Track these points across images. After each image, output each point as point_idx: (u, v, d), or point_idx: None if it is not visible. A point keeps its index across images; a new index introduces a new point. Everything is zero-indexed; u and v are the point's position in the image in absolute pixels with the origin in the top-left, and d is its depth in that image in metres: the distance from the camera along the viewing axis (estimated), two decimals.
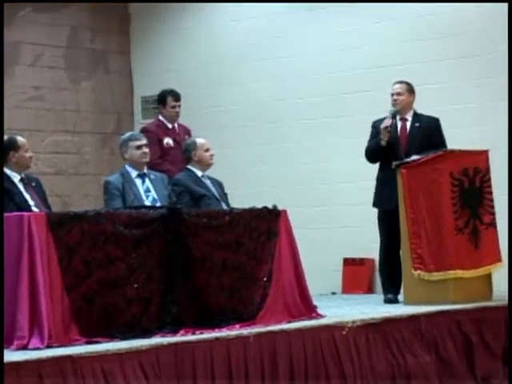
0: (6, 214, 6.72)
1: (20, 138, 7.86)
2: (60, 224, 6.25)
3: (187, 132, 9.67)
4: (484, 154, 8.58)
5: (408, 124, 8.84)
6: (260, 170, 11.51)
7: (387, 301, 8.68)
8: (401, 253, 8.60)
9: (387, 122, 8.67)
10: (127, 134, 8.61)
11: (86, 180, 9.96)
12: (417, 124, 8.82)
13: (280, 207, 7.66)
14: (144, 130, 9.42)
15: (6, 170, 7.68)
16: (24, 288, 6.03)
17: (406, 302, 8.39)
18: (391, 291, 8.75)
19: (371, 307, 8.28)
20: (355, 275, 10.68)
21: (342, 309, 8.26)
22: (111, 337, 6.25)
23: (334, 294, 10.61)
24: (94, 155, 11.53)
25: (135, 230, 6.62)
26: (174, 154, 9.27)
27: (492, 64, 10.09)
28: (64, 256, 6.18)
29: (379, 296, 9.13)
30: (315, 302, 7.75)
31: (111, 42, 12.56)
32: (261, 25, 11.79)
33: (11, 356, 5.53)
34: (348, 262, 10.79)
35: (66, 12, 12.07)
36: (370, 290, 10.34)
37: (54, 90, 12.00)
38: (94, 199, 9.87)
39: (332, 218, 10.83)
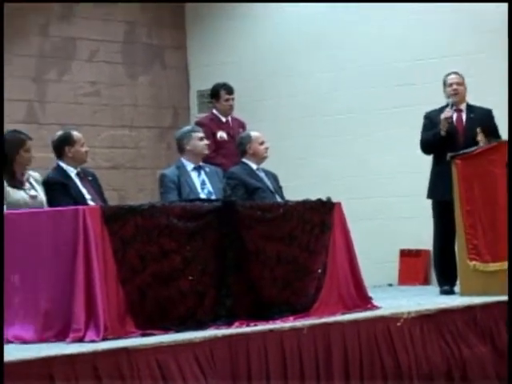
0: (61, 208, 6.94)
1: (75, 133, 7.99)
2: (115, 217, 6.34)
3: (241, 125, 9.71)
4: None
5: (463, 115, 8.93)
6: (315, 162, 11.50)
7: (443, 292, 8.74)
8: (456, 244, 8.63)
9: (448, 113, 8.72)
10: (188, 127, 8.71)
11: (143, 174, 10.06)
12: (472, 115, 8.92)
13: (335, 199, 7.63)
14: (198, 124, 9.50)
15: (63, 165, 7.81)
16: (80, 281, 6.11)
17: (462, 293, 8.42)
18: (447, 283, 8.81)
19: (427, 298, 8.32)
20: (411, 266, 10.74)
21: (398, 300, 8.33)
22: (166, 329, 6.30)
23: (390, 285, 10.70)
24: (150, 149, 11.63)
25: (189, 222, 6.67)
26: (227, 148, 9.34)
27: None
28: (119, 249, 6.26)
29: (435, 287, 9.17)
30: (370, 294, 7.83)
31: (167, 37, 12.63)
32: (321, 15, 11.72)
33: (66, 349, 5.63)
34: (404, 254, 10.86)
35: (121, 7, 12.16)
36: (426, 281, 10.40)
37: (111, 85, 12.11)
38: (150, 193, 9.95)
39: (388, 209, 10.86)
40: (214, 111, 9.76)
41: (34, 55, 11.46)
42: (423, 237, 9.53)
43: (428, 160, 9.00)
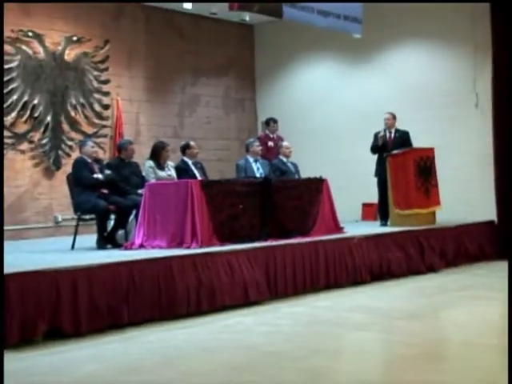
0: (181, 180, 7.73)
1: (192, 142, 8.76)
2: (208, 185, 7.18)
3: (281, 139, 10.22)
4: (431, 149, 9.30)
5: (392, 134, 9.62)
6: (321, 157, 12.20)
7: (382, 225, 9.39)
8: (388, 199, 9.15)
9: (382, 133, 9.49)
10: (251, 139, 9.45)
11: (232, 163, 10.16)
12: (397, 134, 9.59)
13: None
14: (258, 138, 10.20)
15: (185, 158, 8.58)
16: (188, 219, 6.93)
17: (391, 225, 9.08)
18: (383, 220, 9.40)
19: (372, 228, 8.88)
20: (368, 211, 11.49)
21: (358, 229, 8.77)
22: (234, 242, 7.02)
23: (356, 221, 11.22)
24: (235, 151, 12.60)
25: (245, 188, 7.46)
26: (272, 151, 10.03)
27: None
28: (209, 202, 7.06)
29: (378, 222, 9.68)
30: (343, 225, 8.44)
31: (246, 94, 13.56)
32: (333, 75, 12.64)
33: (182, 252, 6.44)
34: (364, 205, 11.50)
35: (223, 78, 13.22)
36: (375, 219, 10.62)
37: (217, 119, 13.11)
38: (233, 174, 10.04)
39: (357, 182, 11.50)
40: (267, 131, 10.65)
41: (177, 103, 12.56)
42: (373, 196, 9.93)
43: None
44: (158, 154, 8.30)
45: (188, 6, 11.28)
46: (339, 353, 4.63)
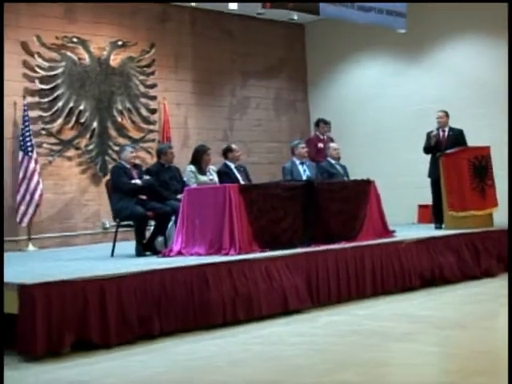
0: (219, 185, 7.65)
1: (234, 145, 8.70)
2: (246, 190, 7.04)
3: (331, 140, 10.14)
4: (487, 148, 9.00)
5: (446, 133, 9.34)
6: (370, 158, 12.06)
7: (436, 228, 9.09)
8: (442, 202, 8.90)
9: (434, 133, 9.24)
10: (296, 141, 9.35)
11: (279, 167, 9.94)
12: (451, 133, 9.28)
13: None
14: (308, 140, 10.21)
15: (227, 162, 8.52)
16: (226, 225, 6.78)
17: (445, 228, 8.81)
18: (438, 223, 9.08)
19: (426, 231, 8.62)
20: (423, 214, 11.13)
21: (411, 232, 8.63)
22: (274, 249, 6.85)
23: (413, 223, 10.97)
24: (287, 154, 11.47)
25: (287, 192, 7.29)
26: (322, 152, 9.88)
27: None
28: (248, 206, 6.90)
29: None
30: (394, 228, 8.23)
31: (298, 95, 13.34)
32: (379, 76, 12.48)
33: (219, 259, 6.33)
34: (420, 206, 11.12)
35: (274, 79, 13.09)
36: (431, 221, 10.04)
37: (270, 121, 12.97)
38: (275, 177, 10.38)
39: (413, 184, 11.11)
40: (317, 133, 10.42)
41: (227, 106, 12.42)
42: (430, 197, 9.55)
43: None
44: (199, 158, 8.23)
45: (234, 6, 11.10)
46: (374, 367, 4.34)
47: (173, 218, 7.63)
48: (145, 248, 7.51)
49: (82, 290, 5.27)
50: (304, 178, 8.55)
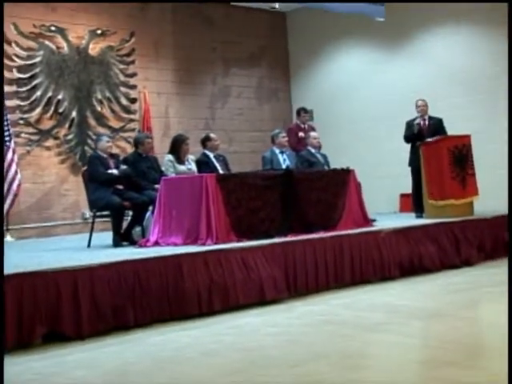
0: (196, 175, 7.54)
1: (212, 134, 8.61)
2: (223, 179, 6.98)
3: (312, 129, 10.12)
4: (468, 137, 8.97)
5: (426, 122, 9.33)
6: (351, 146, 12.07)
7: (417, 217, 9.06)
8: (422, 190, 8.90)
9: (417, 121, 9.26)
10: (277, 130, 9.25)
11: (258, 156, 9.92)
12: (431, 121, 9.28)
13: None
14: (289, 129, 10.21)
15: (206, 151, 8.41)
16: (203, 214, 6.73)
17: (426, 217, 8.76)
18: (419, 211, 9.10)
19: (406, 220, 8.61)
20: (405, 203, 11.09)
21: (391, 221, 8.54)
22: (252, 238, 6.80)
23: (394, 212, 10.99)
24: (268, 142, 12.57)
25: (265, 181, 7.24)
26: (303, 141, 9.83)
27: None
28: (226, 196, 6.86)
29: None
30: (374, 217, 8.27)
31: (280, 84, 13.37)
32: (363, 67, 12.43)
33: (196, 249, 6.24)
34: (402, 195, 11.18)
35: (255, 68, 13.07)
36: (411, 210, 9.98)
37: (249, 109, 12.98)
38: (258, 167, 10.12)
39: (394, 173, 11.16)
40: (298, 122, 10.43)
41: (208, 95, 12.42)
42: (410, 186, 9.57)
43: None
44: (177, 148, 8.16)
45: None
46: (345, 357, 4.31)
47: (150, 208, 7.58)
48: (122, 238, 7.45)
49: (53, 281, 5.21)
50: (284, 167, 8.55)
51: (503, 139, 10.25)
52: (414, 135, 9.19)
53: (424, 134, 9.09)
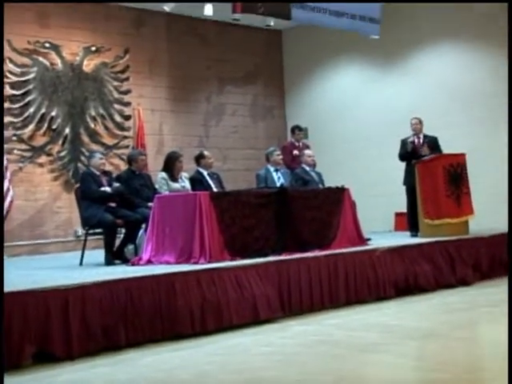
0: (189, 193, 7.52)
1: (206, 152, 8.57)
2: (217, 197, 6.94)
3: (307, 147, 10.09)
4: (463, 155, 8.94)
5: (421, 140, 9.35)
6: (347, 164, 12.09)
7: (412, 236, 9.05)
8: (417, 209, 8.86)
9: (411, 139, 9.28)
10: (271, 148, 9.22)
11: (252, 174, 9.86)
12: (426, 140, 9.26)
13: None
14: (283, 147, 10.20)
15: (200, 169, 8.40)
16: (197, 232, 6.67)
17: (421, 236, 8.69)
18: (414, 230, 9.06)
19: (401, 239, 8.54)
20: (400, 221, 10.92)
21: (386, 240, 8.49)
22: (246, 256, 6.74)
23: (390, 231, 10.94)
24: (263, 160, 12.57)
25: (259, 199, 7.21)
26: (297, 160, 9.79)
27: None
28: (219, 214, 6.81)
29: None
30: (369, 236, 8.22)
31: (275, 101, 13.36)
32: (356, 85, 12.47)
33: (189, 267, 6.18)
34: (397, 214, 11.04)
35: (251, 87, 13.06)
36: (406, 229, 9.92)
37: (244, 127, 12.95)
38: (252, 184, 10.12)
39: (389, 192, 10.98)
40: (293, 140, 10.42)
41: (202, 112, 12.39)
42: (405, 205, 9.52)
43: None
44: (171, 165, 8.13)
45: (209, 12, 11.04)
46: (338, 379, 4.25)
47: (143, 226, 7.52)
48: (114, 256, 7.39)
49: (44, 300, 5.14)
50: (278, 185, 8.53)
51: (500, 157, 10.29)
52: (408, 154, 9.19)
53: (418, 153, 9.08)
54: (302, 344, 5.34)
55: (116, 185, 7.59)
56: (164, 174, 8.02)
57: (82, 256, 7.54)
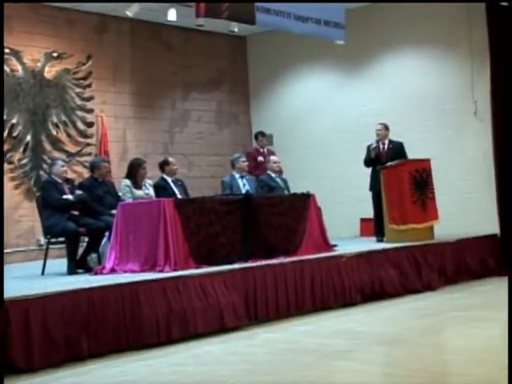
0: (153, 200, 7.41)
1: (170, 159, 8.49)
2: (182, 204, 6.89)
3: (271, 153, 10.08)
4: (428, 161, 8.97)
5: (386, 146, 9.35)
6: (311, 169, 12.09)
7: (378, 241, 9.05)
8: (383, 214, 8.87)
9: (374, 145, 9.28)
10: (237, 155, 9.17)
11: (218, 180, 9.82)
12: (391, 145, 9.29)
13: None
14: (248, 153, 10.17)
15: (164, 176, 8.31)
16: (161, 240, 6.62)
17: (387, 242, 8.73)
18: (379, 236, 9.08)
19: (367, 245, 8.54)
20: (366, 227, 10.92)
21: (352, 245, 8.49)
22: (211, 265, 6.67)
23: (356, 236, 10.92)
24: (230, 167, 12.52)
25: (224, 206, 7.17)
26: (262, 165, 9.81)
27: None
28: (184, 221, 6.75)
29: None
30: (335, 242, 8.21)
31: (240, 108, 13.22)
32: (324, 89, 12.41)
33: (154, 276, 6.13)
34: (363, 220, 11.04)
35: (215, 92, 12.95)
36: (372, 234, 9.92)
37: (209, 134, 12.81)
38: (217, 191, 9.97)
39: (354, 197, 11.06)
40: (257, 146, 10.50)
41: (167, 119, 12.25)
42: (371, 210, 9.50)
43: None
44: (134, 172, 8.03)
45: (173, 17, 10.97)
46: None
47: (107, 234, 7.42)
48: (77, 265, 7.29)
49: (3, 310, 4.98)
50: (243, 191, 8.46)
51: (464, 162, 10.41)
52: (371, 159, 9.22)
53: (382, 158, 9.11)
54: (269, 352, 5.30)
55: (78, 192, 7.47)
56: (127, 181, 7.91)
57: (44, 265, 7.41)
